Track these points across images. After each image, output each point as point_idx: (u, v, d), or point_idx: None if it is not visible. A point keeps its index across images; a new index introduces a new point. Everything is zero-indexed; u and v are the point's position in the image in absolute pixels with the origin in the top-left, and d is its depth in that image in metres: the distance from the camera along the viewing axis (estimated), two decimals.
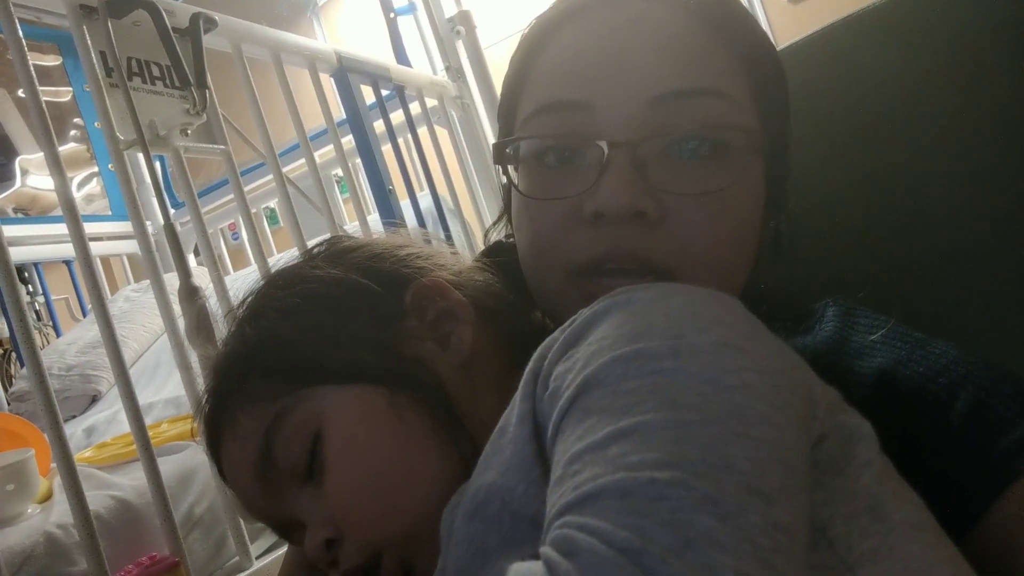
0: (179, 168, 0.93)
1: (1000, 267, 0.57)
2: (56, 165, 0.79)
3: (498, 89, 0.54)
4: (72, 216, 0.79)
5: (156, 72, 0.93)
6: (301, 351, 0.44)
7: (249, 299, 0.50)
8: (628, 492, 0.25)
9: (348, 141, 1.44)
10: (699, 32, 0.46)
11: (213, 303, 0.89)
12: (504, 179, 0.51)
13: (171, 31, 0.89)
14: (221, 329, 0.82)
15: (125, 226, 2.28)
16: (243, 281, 1.38)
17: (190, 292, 0.81)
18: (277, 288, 0.49)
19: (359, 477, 0.42)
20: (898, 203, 0.60)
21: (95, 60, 0.84)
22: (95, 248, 2.11)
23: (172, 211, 2.28)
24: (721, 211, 0.44)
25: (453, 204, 1.63)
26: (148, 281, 2.10)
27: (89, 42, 0.84)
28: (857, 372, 0.45)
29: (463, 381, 0.45)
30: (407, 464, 0.42)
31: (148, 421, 1.17)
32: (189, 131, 0.92)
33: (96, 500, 0.78)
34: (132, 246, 2.32)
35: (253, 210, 2.15)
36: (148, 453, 0.78)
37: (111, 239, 2.21)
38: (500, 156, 0.50)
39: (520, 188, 0.49)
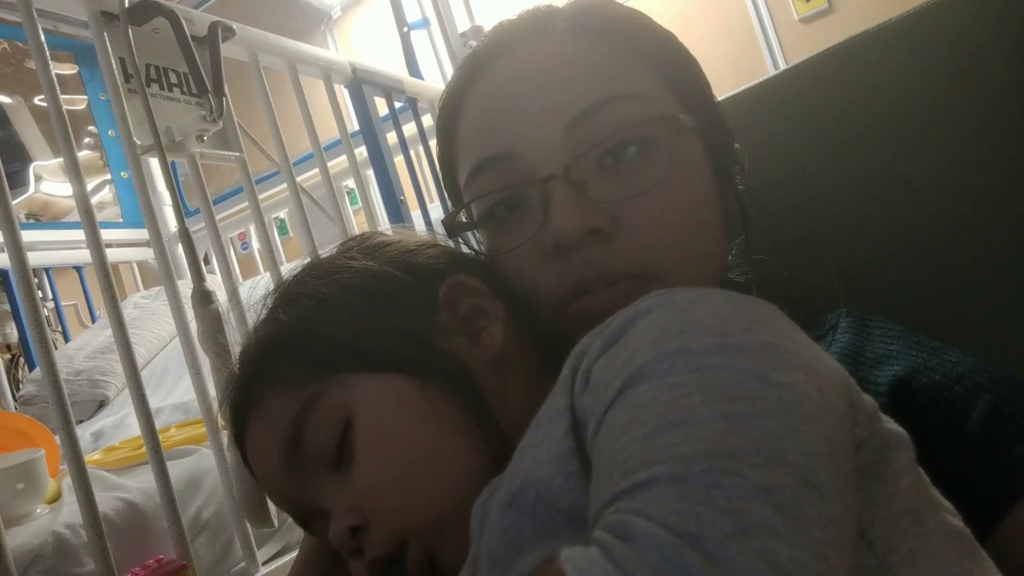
0: (194, 174, 0.94)
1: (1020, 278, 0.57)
2: (75, 170, 0.81)
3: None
4: (90, 221, 0.80)
5: (174, 79, 0.95)
6: (335, 337, 0.44)
7: (283, 287, 0.51)
8: (683, 479, 0.25)
9: (361, 152, 1.45)
10: (591, 50, 0.48)
11: (226, 307, 0.89)
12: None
13: (190, 39, 0.90)
14: (234, 334, 0.84)
15: (135, 233, 2.30)
16: (253, 290, 1.39)
17: (203, 296, 0.81)
18: (312, 277, 0.49)
19: (389, 465, 0.41)
20: (914, 218, 0.61)
21: (114, 66, 0.85)
22: (108, 255, 2.13)
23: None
24: (670, 200, 0.45)
25: None
26: (158, 288, 2.11)
27: (109, 48, 0.86)
28: (874, 382, 0.45)
29: (494, 377, 0.45)
30: (438, 454, 0.42)
31: (157, 425, 1.18)
32: (205, 137, 0.93)
33: (105, 502, 0.78)
34: (142, 253, 2.34)
35: (265, 218, 2.17)
36: (158, 456, 0.79)
37: (121, 246, 2.22)
38: (452, 229, 0.52)
39: (485, 250, 0.51)
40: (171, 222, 2.31)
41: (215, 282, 1.35)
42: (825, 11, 2.33)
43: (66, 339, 2.02)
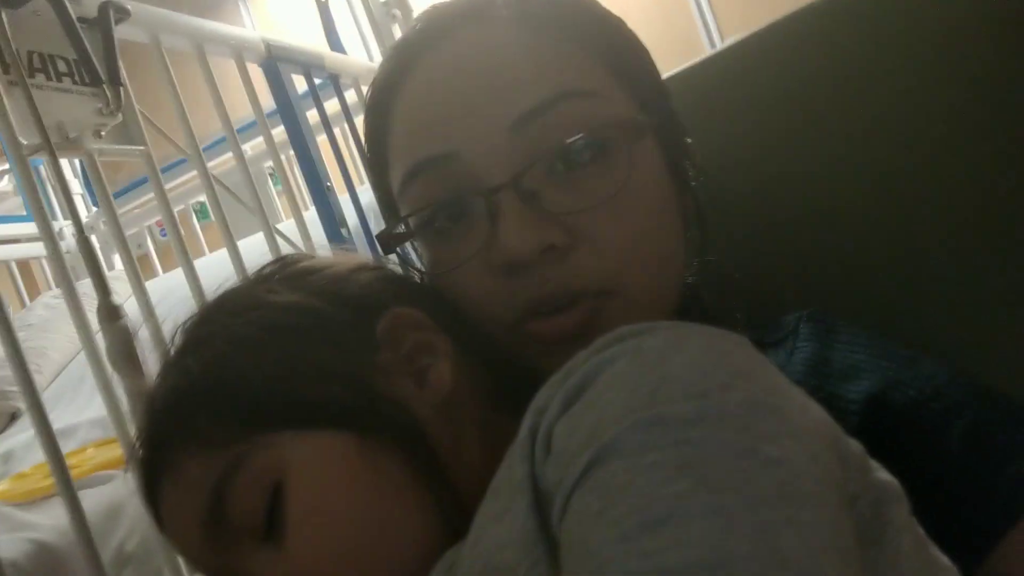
0: (94, 173, 0.85)
1: (998, 267, 0.55)
2: None
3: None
4: None
5: (63, 68, 0.85)
6: (258, 389, 0.39)
7: (190, 325, 0.44)
8: None
9: (280, 132, 1.37)
10: (537, 41, 0.44)
11: (136, 318, 0.82)
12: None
13: (76, 22, 0.80)
14: (145, 352, 0.76)
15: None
16: (170, 286, 1.29)
17: (111, 312, 0.73)
18: (226, 315, 0.43)
19: (327, 539, 0.37)
20: (891, 202, 0.58)
21: None
22: (9, 251, 1.98)
23: (94, 209, 2.16)
24: (629, 208, 0.42)
25: None
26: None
27: None
28: (845, 398, 0.42)
29: (443, 423, 0.40)
30: (382, 523, 0.37)
31: (72, 445, 1.09)
32: (103, 132, 0.84)
33: (11, 545, 0.71)
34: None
35: (181, 206, 2.05)
36: (68, 489, 0.71)
37: (29, 241, 2.07)
38: (387, 244, 0.47)
39: (425, 265, 0.46)
40: (80, 212, 2.16)
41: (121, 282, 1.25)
42: None
43: None
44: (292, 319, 0.41)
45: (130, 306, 0.85)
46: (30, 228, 2.06)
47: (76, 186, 2.13)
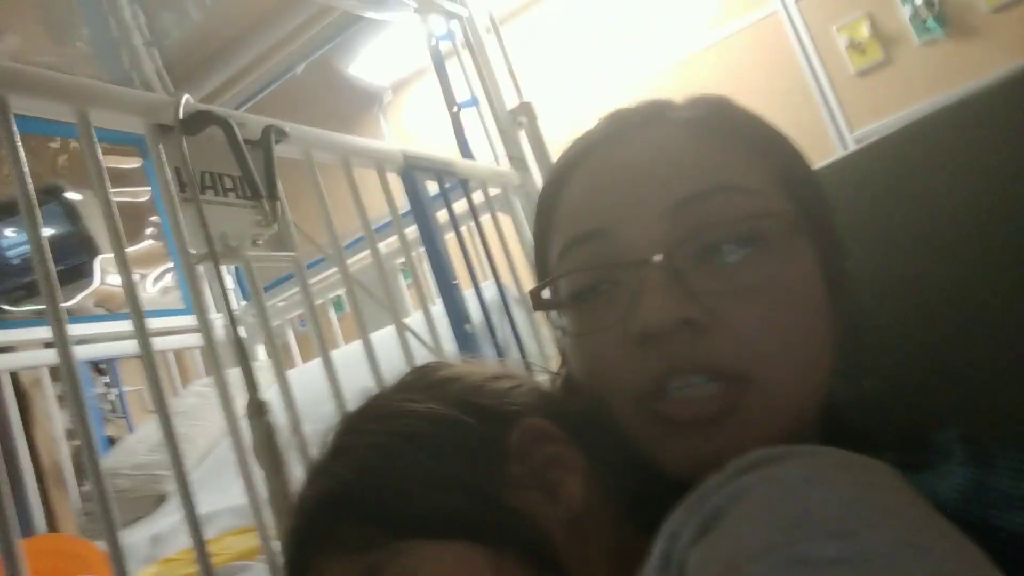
0: (249, 278, 0.93)
1: None
2: (123, 263, 0.79)
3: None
4: (136, 311, 0.78)
5: (228, 184, 0.95)
6: (398, 497, 0.41)
7: (338, 431, 0.47)
8: None
9: (412, 231, 1.45)
10: (702, 140, 0.46)
11: (281, 413, 0.87)
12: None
13: (243, 144, 0.90)
14: (288, 443, 0.81)
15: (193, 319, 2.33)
16: (311, 377, 1.37)
17: (257, 408, 0.79)
18: (369, 422, 0.45)
19: None
20: (998, 287, 0.54)
21: (169, 177, 0.86)
22: (168, 342, 2.16)
23: (243, 302, 2.34)
24: (775, 300, 0.42)
25: (518, 293, 1.60)
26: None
27: (164, 159, 0.86)
28: (1010, 531, 0.38)
29: (573, 540, 0.40)
30: None
31: (212, 532, 1.15)
32: (259, 241, 0.93)
33: None
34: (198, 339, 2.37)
35: (320, 301, 2.18)
36: None
37: (185, 332, 2.26)
38: (537, 302, 0.50)
39: (567, 330, 0.48)
40: (232, 305, 2.34)
41: (264, 371, 1.34)
42: (882, 63, 2.27)
43: (130, 429, 2.04)
44: (430, 428, 0.43)
45: (273, 393, 0.91)
46: (187, 320, 2.25)
47: (228, 280, 2.33)
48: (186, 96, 0.89)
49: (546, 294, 0.52)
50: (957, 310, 0.57)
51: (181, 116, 0.86)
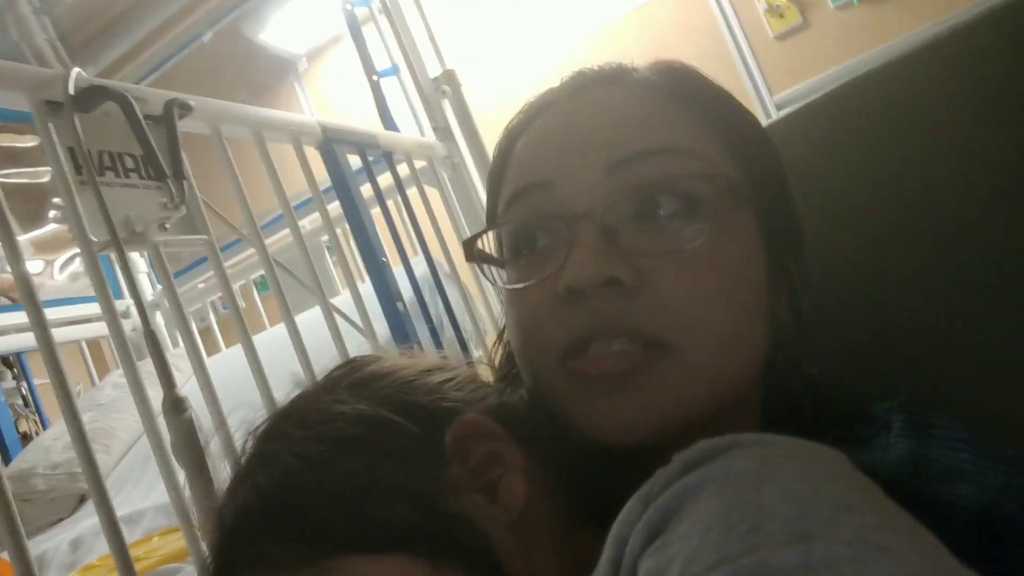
0: (158, 264, 0.87)
1: None
2: (12, 250, 0.72)
3: (487, 146, 0.55)
4: (32, 303, 0.72)
5: (130, 164, 0.88)
6: (325, 510, 0.38)
7: (260, 434, 0.44)
8: None
9: (336, 207, 1.39)
10: (658, 102, 0.45)
11: (199, 404, 0.82)
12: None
13: (143, 121, 0.83)
14: (206, 439, 0.76)
15: (119, 304, 2.20)
16: (231, 363, 1.31)
17: (175, 405, 0.74)
18: (295, 426, 0.42)
19: None
20: (930, 242, 0.55)
21: (62, 158, 0.79)
22: (79, 331, 2.05)
23: (159, 287, 2.23)
24: (704, 269, 0.41)
25: (449, 268, 1.57)
26: (143, 362, 2.04)
27: (55, 139, 0.79)
28: (950, 503, 0.38)
29: (517, 543, 0.38)
30: None
31: (138, 533, 1.09)
32: (168, 224, 0.87)
33: None
34: (126, 325, 2.25)
35: (242, 281, 2.10)
36: None
37: (98, 320, 2.14)
38: (470, 253, 0.50)
39: (502, 282, 0.48)
40: (146, 291, 2.24)
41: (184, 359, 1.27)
42: (800, 27, 2.31)
43: (43, 425, 1.93)
44: (360, 432, 0.40)
45: (193, 385, 0.86)
46: (96, 308, 2.13)
47: (142, 264, 2.21)
48: (76, 69, 0.81)
49: (486, 246, 0.51)
50: (891, 282, 0.57)
51: (72, 91, 0.79)
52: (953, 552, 0.27)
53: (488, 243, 0.51)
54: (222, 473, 0.73)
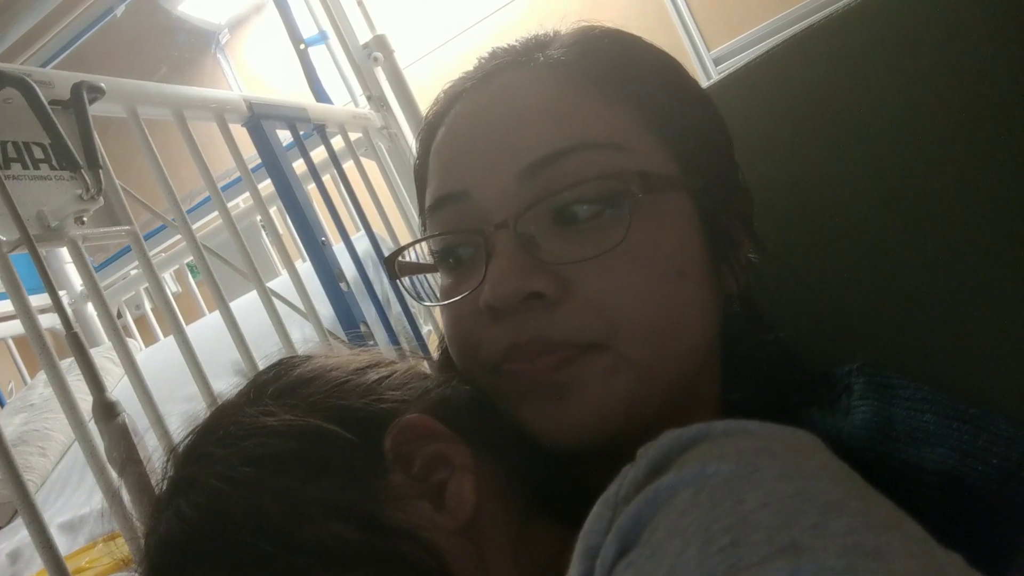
0: (78, 261, 0.81)
1: (1002, 265, 0.51)
2: None
3: (425, 113, 0.52)
4: None
5: (39, 154, 0.81)
6: (257, 536, 0.35)
7: (183, 451, 0.40)
8: None
9: (269, 185, 1.34)
10: (570, 87, 0.42)
11: (134, 404, 0.78)
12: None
13: (48, 108, 0.77)
14: (145, 446, 0.73)
15: (42, 299, 2.10)
16: (167, 356, 1.26)
17: (106, 410, 0.70)
18: (218, 444, 0.38)
19: None
20: (895, 203, 0.54)
21: None
22: (8, 328, 1.94)
23: None
24: (629, 266, 0.39)
25: (392, 243, 1.53)
26: (71, 360, 1.96)
27: None
28: (917, 466, 0.38)
29: (469, 551, 0.36)
30: None
31: (80, 541, 1.05)
32: (85, 217, 0.81)
33: None
34: (53, 319, 2.14)
35: (175, 266, 2.02)
36: None
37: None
38: (392, 269, 0.49)
39: (435, 293, 0.47)
40: (75, 281, 2.13)
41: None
42: None
43: None
44: (289, 446, 0.37)
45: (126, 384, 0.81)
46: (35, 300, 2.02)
47: (67, 254, 2.11)
48: None
49: (412, 256, 0.49)
50: (844, 240, 0.56)
51: None
52: (924, 518, 0.26)
53: (417, 251, 0.49)
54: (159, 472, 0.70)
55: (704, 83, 0.63)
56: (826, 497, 0.24)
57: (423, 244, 0.48)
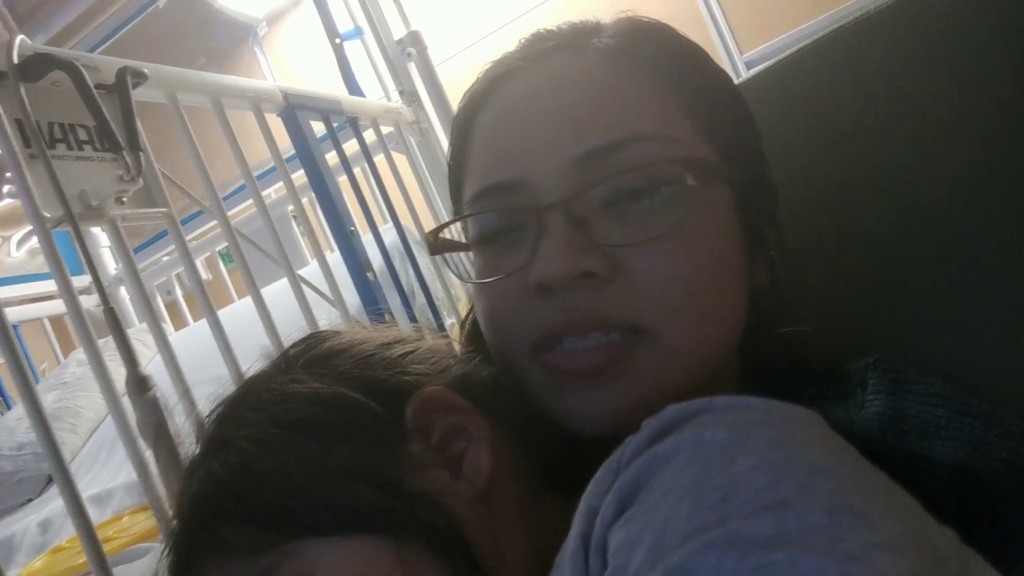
0: (116, 240, 0.84)
1: (1002, 265, 0.51)
2: None
3: (455, 110, 0.52)
4: None
5: (83, 135, 0.84)
6: (283, 494, 0.37)
7: (216, 417, 0.43)
8: None
9: (301, 175, 1.36)
10: (623, 77, 0.43)
11: (166, 385, 0.80)
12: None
13: (94, 91, 0.80)
14: (177, 421, 0.75)
15: (81, 280, 2.15)
16: (198, 339, 1.29)
17: (139, 384, 0.72)
18: (249, 409, 0.41)
19: None
20: (898, 203, 0.55)
21: (8, 130, 0.75)
22: (43, 308, 2.00)
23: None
24: (681, 252, 0.40)
25: (419, 235, 1.55)
26: (104, 340, 2.00)
27: (0, 110, 0.75)
28: (927, 458, 0.38)
29: (483, 517, 0.38)
30: None
31: (109, 513, 1.08)
32: (125, 198, 0.84)
33: None
34: (88, 301, 2.19)
35: (207, 253, 2.06)
36: (103, 570, 0.70)
37: (60, 297, 2.09)
38: (435, 245, 0.48)
39: (472, 273, 0.46)
40: (110, 266, 2.18)
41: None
42: None
43: (7, 406, 1.89)
44: (317, 412, 0.39)
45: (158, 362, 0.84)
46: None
47: (103, 238, 2.15)
48: (20, 37, 0.77)
49: (449, 234, 0.49)
50: (865, 240, 0.56)
51: (16, 60, 0.75)
52: (931, 508, 0.26)
53: (454, 230, 0.49)
54: (190, 450, 0.72)
55: None
56: (816, 462, 0.25)
57: (457, 226, 0.48)
